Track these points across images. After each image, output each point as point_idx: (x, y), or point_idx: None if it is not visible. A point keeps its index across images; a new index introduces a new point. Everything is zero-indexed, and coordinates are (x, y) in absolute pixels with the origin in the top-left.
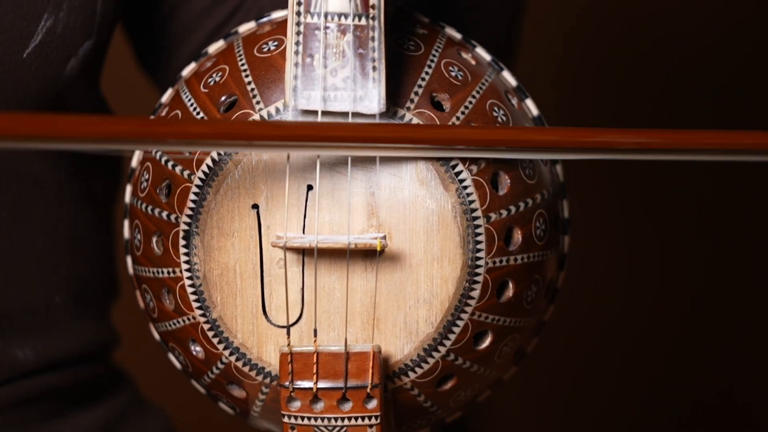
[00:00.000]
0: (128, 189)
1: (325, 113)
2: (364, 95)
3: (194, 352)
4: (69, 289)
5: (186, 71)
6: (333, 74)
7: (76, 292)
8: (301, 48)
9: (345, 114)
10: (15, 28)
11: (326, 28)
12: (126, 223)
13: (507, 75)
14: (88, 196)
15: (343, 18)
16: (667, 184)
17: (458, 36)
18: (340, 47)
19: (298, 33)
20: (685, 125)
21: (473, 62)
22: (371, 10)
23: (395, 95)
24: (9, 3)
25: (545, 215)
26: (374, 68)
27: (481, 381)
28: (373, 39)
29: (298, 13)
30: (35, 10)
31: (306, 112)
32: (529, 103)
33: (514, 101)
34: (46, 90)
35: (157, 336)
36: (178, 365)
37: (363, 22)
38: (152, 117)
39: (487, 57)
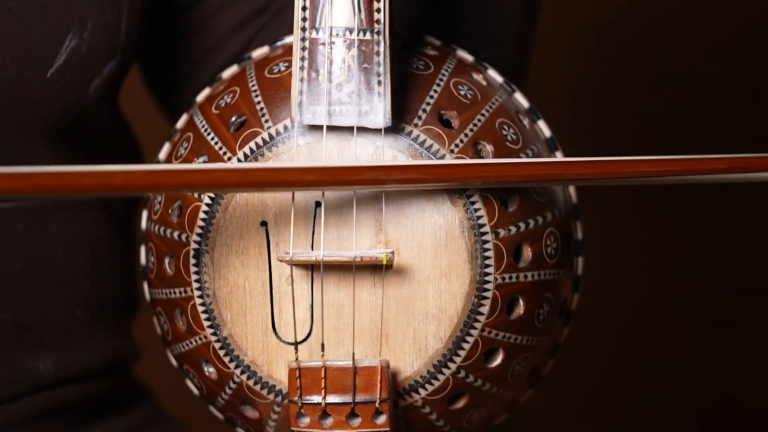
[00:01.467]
0: (144, 214)
1: (330, 128)
2: (370, 110)
3: (207, 373)
4: (90, 303)
5: (200, 96)
6: (338, 89)
7: (97, 306)
8: (306, 63)
9: (350, 129)
10: (39, 47)
11: (331, 43)
12: (142, 248)
13: (519, 96)
14: (108, 212)
15: (348, 33)
16: (680, 197)
17: (470, 58)
18: (345, 62)
19: (303, 48)
20: (703, 146)
21: (484, 83)
22: (376, 25)
23: (403, 112)
24: (34, 23)
25: (556, 234)
26: (379, 83)
27: (495, 401)
28: (378, 53)
29: (303, 29)
30: (60, 30)
31: (312, 127)
32: (542, 125)
33: (526, 122)
34: (70, 109)
35: (174, 362)
36: (195, 391)
37: (368, 36)
38: (167, 144)
39: (499, 79)
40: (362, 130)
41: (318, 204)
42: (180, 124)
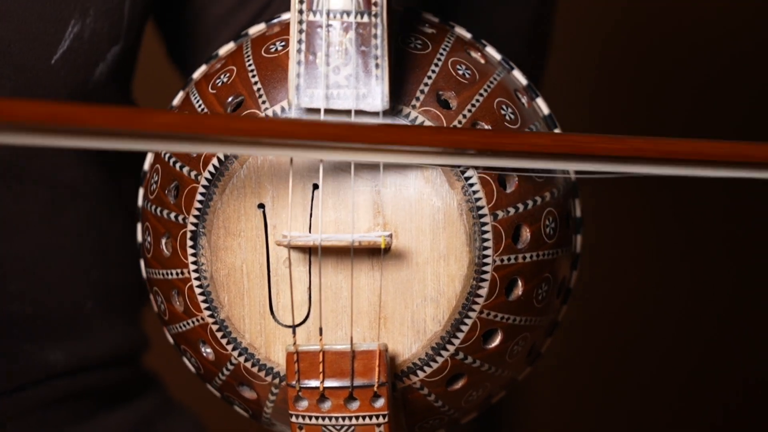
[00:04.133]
0: (140, 192)
1: (327, 111)
2: (368, 93)
3: (204, 354)
4: (100, 293)
5: (197, 74)
6: (336, 72)
7: (107, 297)
8: (303, 46)
9: (348, 112)
10: (42, 34)
11: (329, 26)
12: (139, 226)
13: (517, 74)
14: (120, 204)
15: (345, 15)
16: (694, 192)
17: (468, 35)
18: (342, 45)
19: (300, 31)
20: (718, 134)
21: (482, 61)
22: (374, 8)
23: (401, 93)
24: (36, 10)
25: (555, 213)
26: (377, 66)
27: (494, 381)
28: (375, 36)
29: (301, 11)
30: (62, 16)
31: (309, 110)
32: (540, 102)
33: (524, 100)
34: (75, 95)
35: (170, 339)
36: (192, 369)
37: (365, 19)
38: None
39: (497, 56)
40: (360, 113)
41: (316, 186)
42: (176, 101)
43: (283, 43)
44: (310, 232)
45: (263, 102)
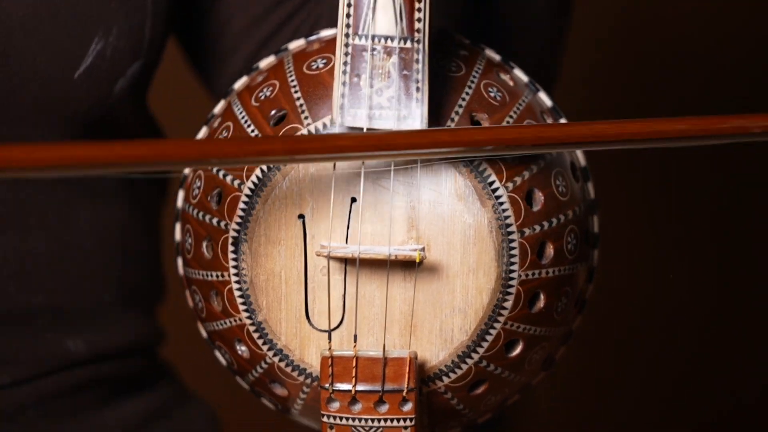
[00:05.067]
0: (180, 194)
1: (370, 131)
2: (408, 114)
3: (239, 352)
4: (118, 288)
5: (238, 84)
6: (378, 94)
7: (125, 291)
8: (348, 68)
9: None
10: (67, 50)
11: (373, 50)
12: (177, 226)
13: (543, 96)
14: (136, 201)
15: (389, 41)
16: (690, 193)
17: (497, 57)
18: (385, 68)
19: (346, 54)
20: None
21: (511, 83)
22: (416, 34)
23: (437, 114)
24: (62, 26)
25: (576, 230)
26: (418, 89)
27: (512, 386)
28: (417, 61)
29: (347, 35)
30: (87, 33)
31: (352, 128)
32: (564, 123)
33: (549, 121)
34: (96, 108)
35: (204, 334)
36: (223, 362)
37: (408, 45)
38: (204, 128)
39: (524, 78)
40: None
41: (353, 200)
42: (218, 109)
43: (324, 61)
44: (347, 242)
45: (305, 117)
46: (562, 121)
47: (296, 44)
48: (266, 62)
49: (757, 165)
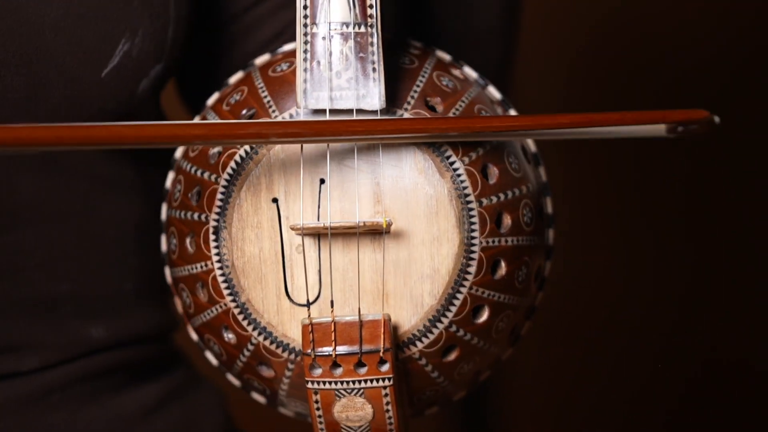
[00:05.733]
0: (164, 207)
1: (332, 111)
2: (366, 93)
3: (227, 339)
4: (136, 278)
5: (210, 100)
6: (338, 76)
7: (142, 281)
8: (309, 55)
9: (350, 111)
10: (95, 50)
11: (330, 36)
12: (163, 237)
13: (492, 89)
14: (152, 194)
15: (344, 26)
16: (658, 184)
17: (448, 57)
18: (343, 53)
19: (305, 42)
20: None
21: (461, 77)
22: (369, 19)
23: (394, 99)
24: (91, 28)
25: (530, 206)
26: (374, 69)
27: (482, 356)
28: (371, 44)
29: (305, 25)
30: (114, 35)
31: (316, 111)
32: (513, 113)
33: (500, 110)
34: (121, 106)
35: (195, 336)
36: (214, 361)
37: (362, 29)
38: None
39: (473, 74)
40: (360, 111)
41: (322, 181)
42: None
43: (287, 64)
44: (318, 220)
45: (273, 111)
46: (511, 111)
47: (262, 59)
48: (235, 77)
49: (715, 142)
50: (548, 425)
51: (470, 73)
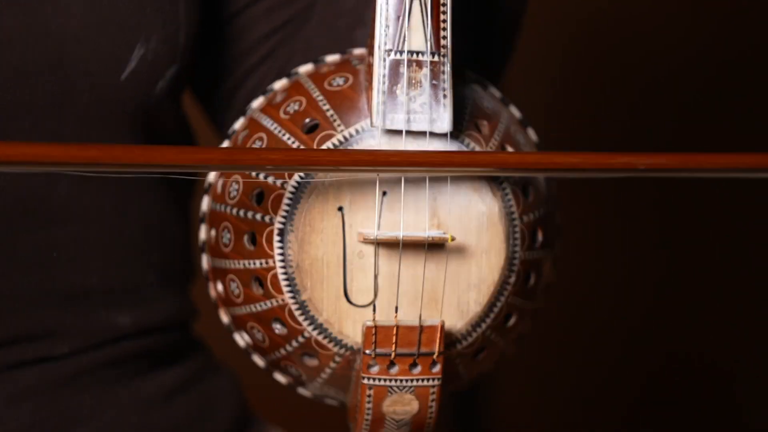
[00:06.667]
0: (206, 199)
1: (408, 132)
2: (437, 118)
3: (276, 330)
4: (159, 271)
5: (256, 104)
6: (413, 100)
7: (165, 273)
8: (387, 79)
9: (423, 133)
10: (114, 56)
11: (408, 63)
12: (203, 227)
13: (513, 109)
14: (174, 194)
15: (420, 55)
16: (631, 190)
17: (474, 75)
18: (418, 79)
19: (384, 67)
20: (670, 133)
21: (493, 98)
22: (443, 49)
23: (455, 120)
24: (109, 35)
25: (551, 220)
26: (444, 96)
27: (498, 354)
28: (443, 72)
29: (387, 51)
30: (130, 41)
31: (390, 131)
32: (530, 132)
33: (520, 130)
34: (140, 107)
35: (226, 319)
36: (241, 343)
37: (436, 58)
38: (226, 141)
39: (498, 94)
40: (432, 134)
41: (384, 193)
42: (239, 125)
43: (343, 79)
44: (378, 230)
45: (338, 125)
46: (529, 129)
47: (306, 68)
48: (280, 84)
49: (702, 146)
50: (545, 424)
51: (496, 93)
